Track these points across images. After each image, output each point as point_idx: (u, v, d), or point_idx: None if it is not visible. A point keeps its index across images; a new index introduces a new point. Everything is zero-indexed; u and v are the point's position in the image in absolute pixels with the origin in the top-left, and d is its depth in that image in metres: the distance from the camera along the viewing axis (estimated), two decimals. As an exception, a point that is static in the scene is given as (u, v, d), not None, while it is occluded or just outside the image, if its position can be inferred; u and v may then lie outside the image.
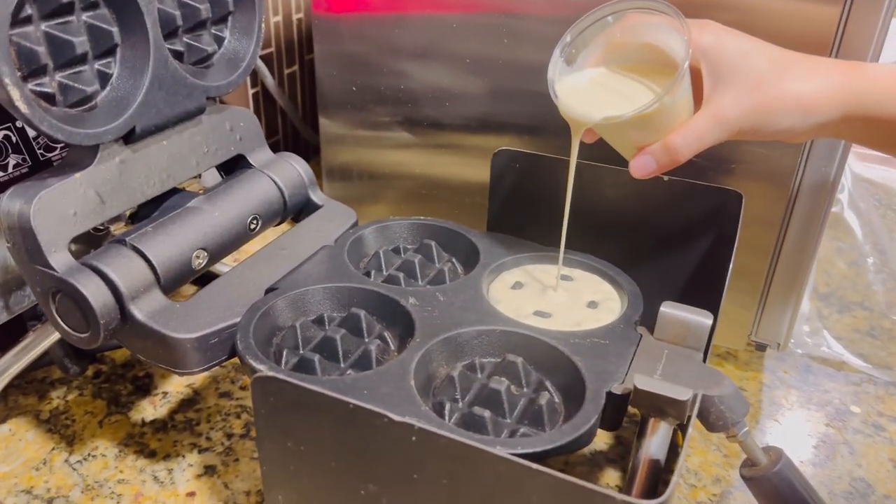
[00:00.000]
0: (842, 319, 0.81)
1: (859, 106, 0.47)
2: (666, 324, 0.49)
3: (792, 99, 0.47)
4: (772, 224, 0.65)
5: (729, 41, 0.48)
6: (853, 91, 0.47)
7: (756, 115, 0.47)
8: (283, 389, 0.39)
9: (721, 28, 0.49)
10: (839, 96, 0.47)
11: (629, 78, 0.51)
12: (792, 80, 0.47)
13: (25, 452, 0.60)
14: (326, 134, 0.82)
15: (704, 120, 0.48)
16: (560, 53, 0.52)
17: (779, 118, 0.47)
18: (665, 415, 0.44)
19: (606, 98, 0.51)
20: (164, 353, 0.50)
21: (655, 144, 0.49)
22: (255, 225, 0.60)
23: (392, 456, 0.38)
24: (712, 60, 0.48)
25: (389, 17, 0.72)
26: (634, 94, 0.49)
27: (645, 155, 0.49)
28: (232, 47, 0.61)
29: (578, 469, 0.60)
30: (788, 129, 0.48)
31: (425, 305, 0.53)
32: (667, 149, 0.48)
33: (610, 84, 0.51)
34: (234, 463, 0.59)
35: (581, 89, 0.52)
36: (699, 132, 0.48)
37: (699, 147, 0.48)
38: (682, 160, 0.48)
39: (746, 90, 0.47)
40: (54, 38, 0.48)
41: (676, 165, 0.49)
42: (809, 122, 0.48)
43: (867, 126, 0.48)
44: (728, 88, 0.47)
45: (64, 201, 0.49)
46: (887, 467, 0.62)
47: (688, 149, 0.48)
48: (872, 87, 0.47)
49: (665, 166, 0.49)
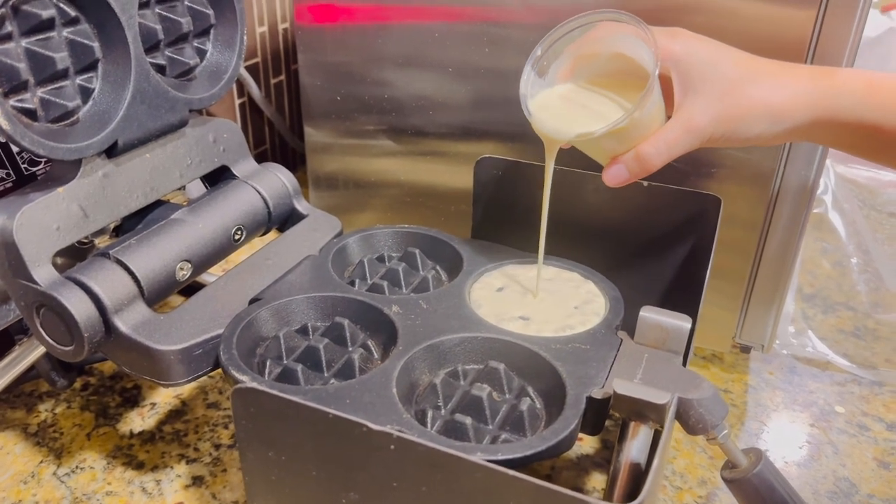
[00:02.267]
0: (826, 320, 0.81)
1: (828, 110, 0.47)
2: (646, 328, 0.50)
3: (761, 106, 0.48)
4: (753, 226, 0.65)
5: (699, 49, 0.49)
6: (822, 96, 0.47)
7: (726, 123, 0.48)
8: (263, 400, 0.39)
9: (691, 36, 0.50)
10: (808, 101, 0.48)
11: (599, 94, 0.52)
12: (761, 87, 0.48)
13: (13, 466, 0.60)
14: (312, 143, 0.83)
15: (675, 129, 0.49)
16: (531, 67, 0.52)
17: (749, 125, 0.48)
18: (645, 418, 0.45)
19: (578, 114, 0.51)
20: (148, 365, 0.50)
21: (628, 154, 0.50)
22: (239, 236, 0.60)
23: (372, 465, 0.38)
24: (682, 69, 0.49)
25: (372, 27, 0.72)
26: (605, 110, 0.50)
27: (617, 164, 0.50)
28: (214, 60, 0.62)
29: (565, 473, 0.61)
30: (758, 135, 0.49)
31: (408, 313, 0.53)
32: (638, 158, 0.49)
33: (580, 100, 0.52)
34: (221, 473, 0.60)
35: (553, 105, 0.52)
36: (669, 141, 0.48)
37: (670, 156, 0.49)
38: (653, 169, 0.49)
39: (716, 98, 0.48)
40: (35, 54, 0.48)
41: (648, 174, 0.50)
42: (779, 127, 0.48)
43: (836, 130, 0.48)
44: (698, 97, 0.48)
45: (47, 216, 0.50)
46: (871, 467, 0.62)
47: (658, 158, 0.49)
48: (840, 92, 0.47)
49: (637, 175, 0.50)
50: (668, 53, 0.48)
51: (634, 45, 0.50)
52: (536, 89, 0.53)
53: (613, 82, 0.52)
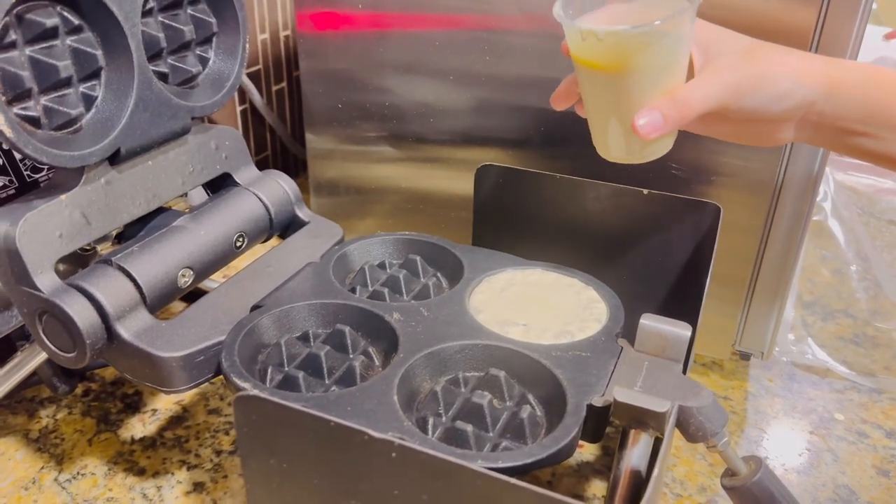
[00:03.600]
0: (826, 327, 0.81)
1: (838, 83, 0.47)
2: (646, 336, 0.50)
3: (782, 64, 0.48)
4: (753, 233, 0.66)
5: (718, 29, 0.50)
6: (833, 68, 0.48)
7: (754, 78, 0.47)
8: (265, 408, 0.40)
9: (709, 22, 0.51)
10: (822, 69, 0.48)
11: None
12: (779, 51, 0.49)
13: (15, 472, 0.60)
14: (313, 150, 0.83)
15: (706, 78, 0.47)
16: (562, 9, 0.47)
17: (773, 81, 0.47)
18: (645, 426, 0.45)
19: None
20: (150, 371, 0.50)
21: (661, 99, 0.46)
22: (241, 243, 0.60)
23: (373, 472, 0.39)
24: (701, 41, 0.49)
25: (373, 34, 0.73)
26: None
27: (651, 110, 0.46)
28: (216, 68, 0.62)
29: (566, 480, 0.61)
30: (785, 94, 0.47)
31: (409, 321, 0.53)
32: (675, 101, 0.46)
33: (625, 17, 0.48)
34: (222, 479, 0.60)
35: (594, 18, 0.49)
36: (704, 89, 0.47)
37: (704, 105, 0.47)
38: (690, 115, 0.46)
39: (739, 56, 0.48)
40: (39, 63, 0.48)
41: (686, 122, 0.47)
42: (802, 93, 0.47)
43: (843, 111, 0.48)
44: (721, 57, 0.48)
45: (50, 223, 0.50)
46: (870, 474, 0.62)
47: (695, 104, 0.46)
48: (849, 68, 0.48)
49: (672, 122, 0.46)
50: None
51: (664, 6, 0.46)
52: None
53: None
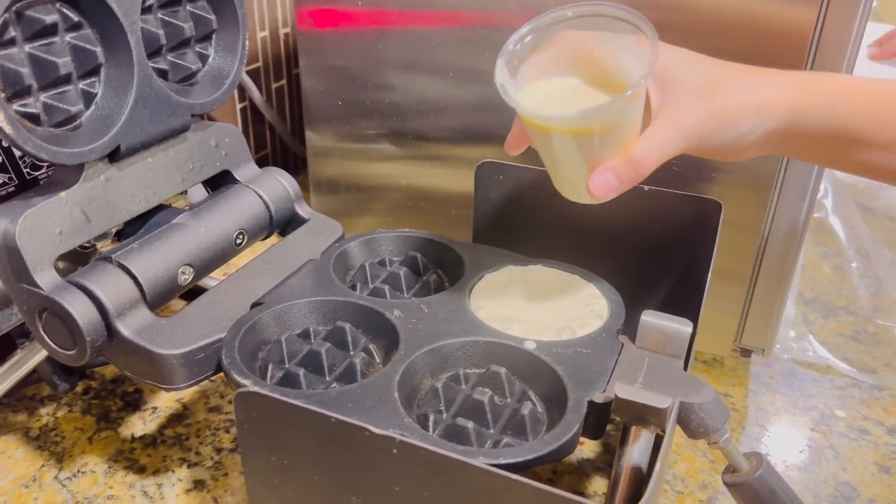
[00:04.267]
0: (827, 324, 0.81)
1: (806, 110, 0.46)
2: (647, 332, 0.50)
3: (745, 102, 0.46)
4: (754, 230, 0.66)
5: (675, 55, 0.47)
6: (801, 94, 0.46)
7: (713, 120, 0.45)
8: (266, 404, 0.39)
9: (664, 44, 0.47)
10: (788, 99, 0.46)
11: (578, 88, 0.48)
12: (742, 83, 0.46)
13: (15, 470, 0.60)
14: (313, 147, 0.83)
15: (663, 128, 0.45)
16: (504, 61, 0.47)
17: (735, 121, 0.46)
18: (646, 422, 0.45)
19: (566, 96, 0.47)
20: (150, 369, 0.50)
21: (614, 160, 0.45)
22: (241, 240, 0.60)
23: (374, 469, 0.39)
24: (659, 74, 0.46)
25: (373, 31, 0.72)
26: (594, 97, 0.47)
27: (604, 172, 0.45)
28: (216, 65, 0.62)
29: (566, 478, 0.61)
30: (745, 133, 0.46)
31: (410, 318, 0.53)
32: (629, 161, 0.45)
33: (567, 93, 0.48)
34: (223, 477, 0.60)
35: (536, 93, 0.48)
36: (660, 141, 0.45)
37: (661, 158, 0.45)
38: (646, 173, 0.45)
39: (699, 97, 0.45)
40: (38, 59, 0.48)
41: (640, 181, 0.46)
42: (764, 126, 0.46)
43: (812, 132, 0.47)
44: (680, 97, 0.46)
45: (49, 220, 0.50)
46: (872, 471, 0.62)
47: (651, 160, 0.45)
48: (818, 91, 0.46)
49: (628, 181, 0.45)
50: None
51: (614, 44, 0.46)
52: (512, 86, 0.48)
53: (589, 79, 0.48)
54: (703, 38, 0.60)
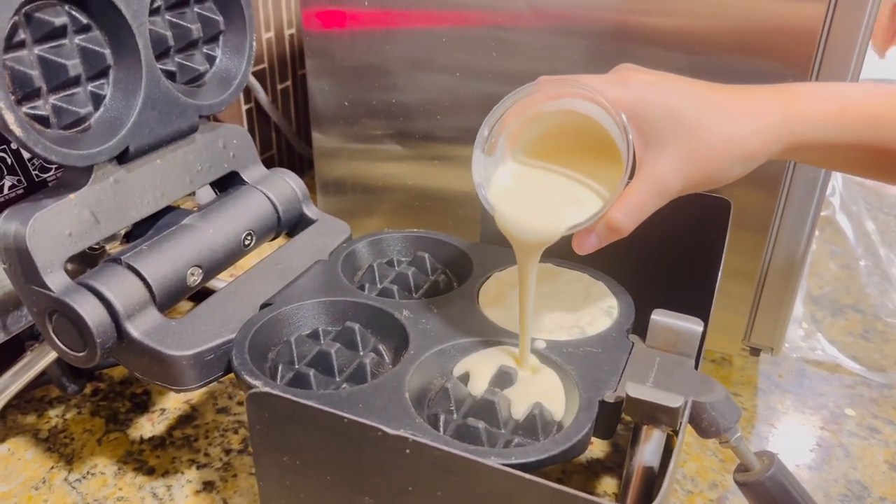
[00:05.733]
0: (835, 322, 0.81)
1: (800, 136, 0.45)
2: (657, 331, 0.50)
3: (732, 151, 0.45)
4: (762, 229, 0.65)
5: (654, 96, 0.45)
6: (793, 125, 0.45)
7: (699, 178, 0.45)
8: (278, 405, 0.39)
9: (643, 79, 0.46)
10: (779, 135, 0.45)
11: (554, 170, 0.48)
12: (728, 128, 0.45)
13: (25, 471, 0.60)
14: (320, 148, 0.83)
15: (645, 192, 0.45)
16: (481, 151, 0.47)
17: (722, 173, 0.46)
18: (658, 422, 0.44)
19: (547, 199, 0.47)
20: (160, 370, 0.50)
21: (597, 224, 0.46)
22: (249, 241, 0.60)
23: (387, 469, 0.38)
24: (640, 122, 0.45)
25: (379, 32, 0.72)
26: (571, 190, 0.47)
27: (588, 234, 0.46)
28: (224, 66, 0.62)
29: (576, 478, 0.60)
30: (737, 176, 0.46)
31: (419, 318, 0.53)
32: (611, 228, 0.46)
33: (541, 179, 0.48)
34: (232, 479, 0.60)
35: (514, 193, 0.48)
36: (640, 206, 0.45)
37: (641, 219, 0.46)
38: (626, 234, 0.46)
39: (684, 153, 0.44)
40: (48, 62, 0.48)
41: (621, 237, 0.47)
42: (754, 164, 0.46)
43: (810, 152, 0.47)
44: (664, 153, 0.45)
45: (59, 222, 0.50)
46: (882, 469, 0.62)
47: (631, 224, 0.46)
48: (812, 118, 0.45)
49: (608, 241, 0.47)
50: (621, 106, 0.44)
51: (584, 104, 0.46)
52: (490, 171, 0.48)
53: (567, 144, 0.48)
54: (710, 38, 0.60)
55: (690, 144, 0.45)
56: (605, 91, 0.45)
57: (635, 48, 0.63)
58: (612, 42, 0.64)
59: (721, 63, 0.61)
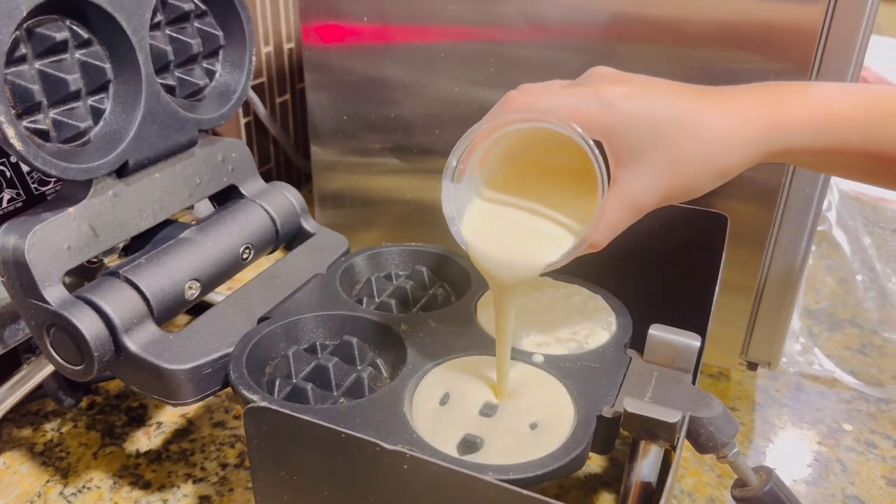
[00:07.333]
0: (832, 337, 0.81)
1: (783, 145, 0.45)
2: (655, 346, 0.50)
3: (709, 170, 0.45)
4: (759, 243, 0.66)
5: (630, 113, 0.43)
6: (776, 136, 0.45)
7: (676, 193, 0.45)
8: (276, 420, 0.39)
9: (617, 94, 0.43)
10: (760, 149, 0.45)
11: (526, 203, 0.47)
12: (707, 147, 0.44)
13: (20, 485, 0.60)
14: (318, 162, 0.83)
15: (620, 211, 0.45)
16: (449, 181, 0.46)
17: (700, 189, 0.45)
18: (655, 437, 0.44)
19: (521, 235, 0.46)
20: (157, 384, 0.50)
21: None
22: (247, 254, 0.60)
23: (385, 484, 0.38)
24: (616, 141, 0.43)
25: (378, 47, 0.73)
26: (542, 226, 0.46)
27: None
28: (223, 80, 0.62)
29: (573, 493, 0.60)
30: (710, 190, 0.46)
31: (417, 332, 0.53)
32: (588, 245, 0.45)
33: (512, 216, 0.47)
34: (228, 493, 0.59)
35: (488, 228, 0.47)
36: (614, 224, 0.45)
37: (615, 235, 0.46)
38: (599, 249, 0.46)
39: (659, 172, 0.44)
40: (48, 76, 0.49)
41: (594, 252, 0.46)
42: (731, 177, 0.46)
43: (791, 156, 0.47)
44: (639, 171, 0.44)
45: (58, 235, 0.50)
46: (879, 484, 0.62)
47: (605, 241, 0.46)
48: (797, 130, 0.45)
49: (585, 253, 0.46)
50: (599, 126, 0.43)
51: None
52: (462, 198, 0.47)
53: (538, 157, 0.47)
54: (710, 43, 0.60)
55: (667, 161, 0.44)
56: (579, 107, 0.43)
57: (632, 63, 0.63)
58: (610, 56, 0.64)
59: (721, 66, 0.61)
